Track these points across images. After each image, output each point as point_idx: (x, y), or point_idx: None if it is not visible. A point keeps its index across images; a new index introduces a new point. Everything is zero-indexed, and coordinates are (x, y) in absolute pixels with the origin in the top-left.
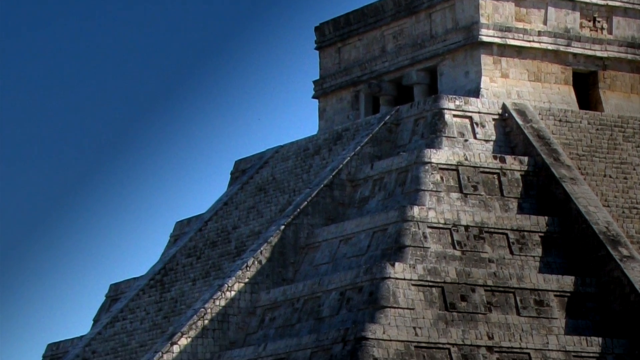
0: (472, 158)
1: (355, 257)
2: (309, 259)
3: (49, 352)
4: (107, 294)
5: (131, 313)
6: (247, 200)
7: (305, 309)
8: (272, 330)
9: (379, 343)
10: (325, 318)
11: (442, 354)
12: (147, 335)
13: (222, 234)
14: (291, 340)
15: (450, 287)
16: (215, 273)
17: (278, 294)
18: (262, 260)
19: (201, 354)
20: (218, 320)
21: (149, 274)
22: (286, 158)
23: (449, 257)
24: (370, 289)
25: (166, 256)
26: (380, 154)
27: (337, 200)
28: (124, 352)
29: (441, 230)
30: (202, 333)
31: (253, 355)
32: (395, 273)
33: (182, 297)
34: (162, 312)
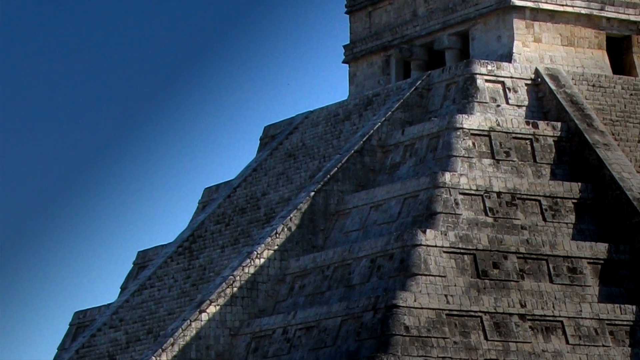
0: (504, 124)
1: (385, 224)
2: (339, 226)
3: (76, 320)
4: (134, 262)
5: (159, 281)
6: (277, 167)
7: (335, 276)
8: (301, 298)
9: (409, 311)
10: (355, 286)
11: (474, 322)
12: (175, 303)
13: (251, 201)
14: (321, 308)
15: (482, 254)
16: (244, 240)
17: (308, 261)
18: (292, 227)
19: (230, 322)
20: (247, 288)
21: (177, 241)
22: (316, 124)
23: (480, 224)
24: (401, 256)
25: (194, 223)
26: (411, 119)
27: (367, 166)
28: (151, 320)
29: (473, 196)
30: (230, 301)
31: (282, 323)
32: (426, 240)
33: (211, 265)
34: (190, 279)
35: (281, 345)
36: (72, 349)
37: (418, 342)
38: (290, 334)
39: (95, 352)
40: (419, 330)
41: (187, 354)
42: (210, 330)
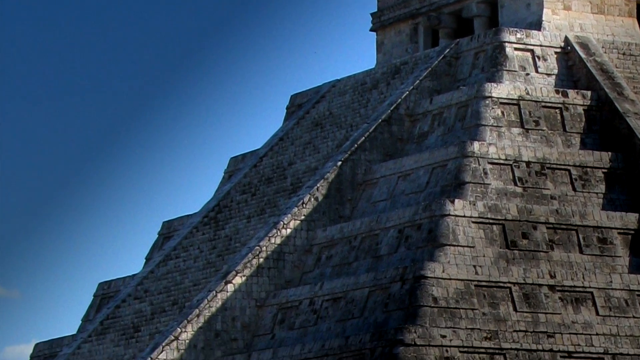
0: (533, 92)
1: (413, 194)
2: (367, 196)
3: (100, 290)
4: (160, 232)
5: (184, 251)
6: (303, 136)
7: (362, 247)
8: (328, 268)
9: (438, 282)
10: (383, 256)
11: (503, 293)
12: (201, 273)
13: (277, 170)
14: (348, 279)
15: (511, 224)
16: (270, 210)
17: (335, 231)
18: (319, 197)
19: (256, 292)
20: (273, 259)
21: (203, 211)
22: (343, 92)
23: (510, 194)
24: (429, 227)
25: (220, 193)
26: (439, 88)
27: (395, 135)
28: (176, 291)
29: (502, 166)
30: (257, 272)
31: (309, 294)
32: (455, 210)
33: (237, 235)
34: (216, 250)
35: (308, 317)
36: (96, 321)
37: (446, 313)
38: (317, 305)
39: (119, 324)
40: (447, 301)
41: (212, 326)
42: (236, 302)
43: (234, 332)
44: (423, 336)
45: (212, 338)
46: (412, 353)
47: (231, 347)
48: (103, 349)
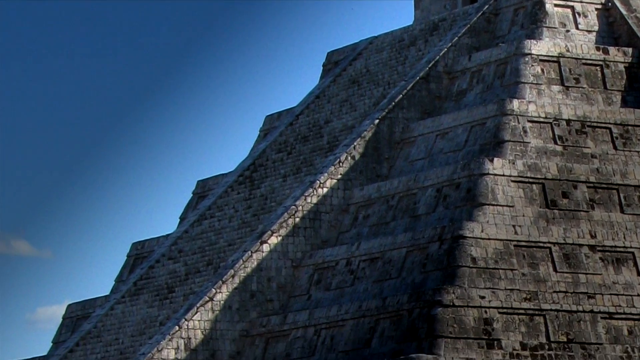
0: (573, 49)
1: (452, 153)
2: (404, 155)
3: (133, 251)
4: (194, 191)
5: (219, 211)
6: (340, 93)
7: (400, 206)
8: (365, 228)
9: (476, 242)
10: (421, 216)
11: (543, 253)
12: (236, 233)
13: (313, 129)
14: (385, 238)
15: (551, 183)
16: (306, 169)
17: (372, 190)
18: (356, 156)
19: (292, 253)
20: (310, 218)
21: (238, 170)
22: (380, 49)
23: (549, 153)
24: (467, 186)
25: (255, 151)
26: (478, 45)
27: (433, 93)
28: (211, 251)
29: (542, 124)
30: (293, 231)
31: (346, 254)
32: (494, 169)
33: (272, 194)
34: (251, 209)
35: (344, 277)
36: (129, 281)
37: (485, 273)
38: (354, 265)
39: (153, 284)
40: (486, 261)
41: (247, 286)
42: (272, 262)
43: (269, 293)
44: (462, 297)
45: (247, 299)
46: (451, 314)
47: (266, 308)
48: (136, 310)
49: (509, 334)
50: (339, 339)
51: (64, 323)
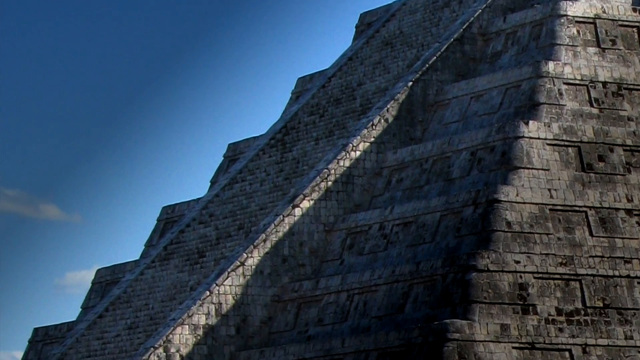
0: (610, 10)
1: (486, 115)
2: (438, 117)
3: (164, 215)
4: (225, 154)
5: (250, 174)
6: (373, 55)
7: (434, 169)
8: (399, 192)
9: (511, 206)
10: (455, 179)
11: (579, 217)
12: (267, 197)
13: (346, 91)
14: (419, 202)
15: (587, 146)
16: (339, 132)
17: (405, 154)
18: (389, 119)
19: (324, 217)
20: (342, 182)
21: (270, 133)
22: (414, 11)
23: (585, 115)
24: (502, 149)
25: (287, 114)
26: (513, 6)
27: (467, 55)
28: (242, 215)
29: (577, 86)
30: (325, 195)
31: (379, 218)
32: (529, 132)
33: (305, 158)
34: (283, 173)
35: (378, 242)
36: (160, 246)
37: (520, 238)
38: (387, 229)
39: (184, 249)
40: (521, 226)
41: (279, 251)
42: (304, 226)
43: (301, 258)
44: (496, 262)
45: (279, 264)
46: (485, 279)
47: (299, 273)
48: (167, 274)
49: (544, 299)
50: (372, 304)
51: (93, 288)
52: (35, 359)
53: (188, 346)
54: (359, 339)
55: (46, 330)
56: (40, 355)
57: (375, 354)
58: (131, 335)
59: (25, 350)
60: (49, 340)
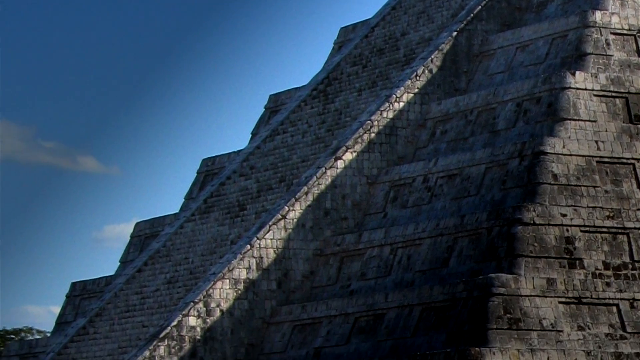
0: None
1: (532, 66)
2: (483, 68)
3: (204, 167)
4: (266, 106)
5: (292, 126)
6: (417, 5)
7: (479, 121)
8: (443, 144)
9: (558, 158)
10: (500, 131)
11: (626, 169)
12: (309, 149)
13: (389, 41)
14: (464, 155)
15: (635, 97)
16: (382, 83)
17: (450, 105)
18: (433, 69)
19: (367, 169)
20: (385, 134)
21: (312, 84)
22: None
23: (633, 66)
24: (549, 100)
25: (330, 65)
26: None
27: (513, 4)
28: (284, 168)
29: (625, 36)
30: (368, 147)
31: (423, 170)
32: (575, 83)
33: (347, 109)
34: (325, 124)
35: (421, 195)
36: (200, 199)
37: (567, 190)
38: (432, 182)
39: (224, 202)
40: (568, 178)
41: (321, 204)
42: (347, 179)
43: (344, 211)
44: (542, 215)
45: (321, 217)
46: (531, 232)
47: (341, 227)
48: (207, 228)
49: (591, 253)
50: (415, 258)
51: (132, 242)
52: (73, 313)
53: (228, 301)
54: (402, 293)
55: (84, 284)
56: (78, 310)
57: (419, 309)
58: (170, 289)
59: (62, 305)
60: (86, 294)
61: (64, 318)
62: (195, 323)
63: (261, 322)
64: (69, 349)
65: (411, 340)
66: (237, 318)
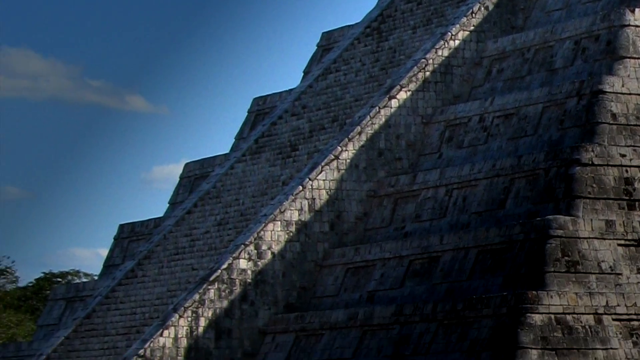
0: None
1: (591, 3)
2: (541, 5)
3: (255, 107)
4: (318, 44)
5: (345, 64)
6: None
7: (536, 59)
8: (499, 82)
9: (617, 97)
10: (558, 69)
11: None
12: (363, 88)
13: None
14: (521, 93)
15: None
16: (437, 20)
17: (506, 43)
18: (489, 6)
19: (422, 108)
20: (440, 72)
21: (365, 21)
22: None
23: None
24: (607, 38)
25: (384, 1)
26: None
27: None
28: (336, 107)
29: None
30: (423, 86)
31: (479, 110)
32: (635, 20)
33: (401, 47)
34: (379, 63)
35: (477, 134)
36: (250, 139)
37: (626, 130)
38: (488, 121)
39: (275, 142)
40: (627, 118)
41: (375, 144)
42: (401, 118)
43: (398, 151)
44: (601, 155)
45: (375, 157)
46: (589, 173)
47: (395, 167)
48: (258, 169)
49: None
50: (471, 199)
51: (182, 183)
52: (121, 256)
53: (280, 243)
54: (457, 235)
55: (132, 226)
56: (126, 252)
57: (474, 251)
58: (221, 231)
59: (110, 248)
60: (135, 237)
61: (112, 261)
62: (246, 266)
63: (313, 265)
64: (117, 293)
65: (467, 283)
66: (288, 261)
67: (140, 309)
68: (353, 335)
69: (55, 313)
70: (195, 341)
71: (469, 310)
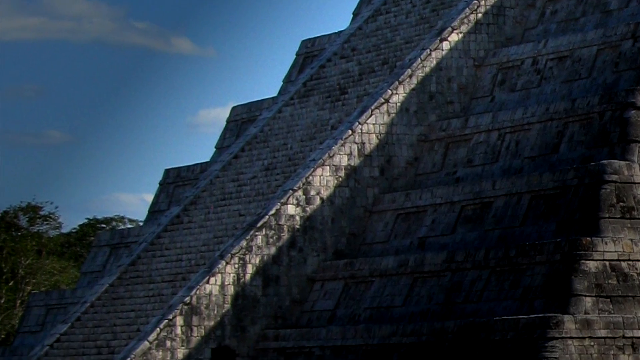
0: None
1: None
2: None
3: (303, 49)
4: None
5: (395, 5)
6: None
7: (590, 0)
8: (553, 24)
9: None
10: (612, 11)
11: None
12: (414, 30)
13: None
14: (575, 36)
15: None
16: None
17: None
18: None
19: (474, 51)
20: (493, 14)
21: None
22: None
23: None
24: None
25: None
26: None
27: None
28: (387, 49)
29: None
30: (475, 28)
31: (532, 52)
32: None
33: None
34: (429, 4)
35: (530, 77)
36: (299, 82)
37: None
38: (541, 64)
39: (324, 85)
40: None
41: (426, 87)
42: (452, 61)
43: (449, 94)
44: None
45: (426, 101)
46: None
47: (446, 111)
48: (306, 112)
49: None
50: (524, 143)
51: (228, 127)
52: (167, 202)
53: (329, 188)
54: (510, 180)
55: (178, 171)
56: (171, 198)
57: (527, 197)
58: (268, 176)
59: (155, 193)
60: (180, 182)
61: (157, 206)
62: (294, 212)
63: (363, 211)
64: (163, 239)
65: (519, 229)
66: (337, 206)
67: (186, 255)
68: (403, 282)
69: (99, 260)
70: (242, 289)
71: (522, 257)
